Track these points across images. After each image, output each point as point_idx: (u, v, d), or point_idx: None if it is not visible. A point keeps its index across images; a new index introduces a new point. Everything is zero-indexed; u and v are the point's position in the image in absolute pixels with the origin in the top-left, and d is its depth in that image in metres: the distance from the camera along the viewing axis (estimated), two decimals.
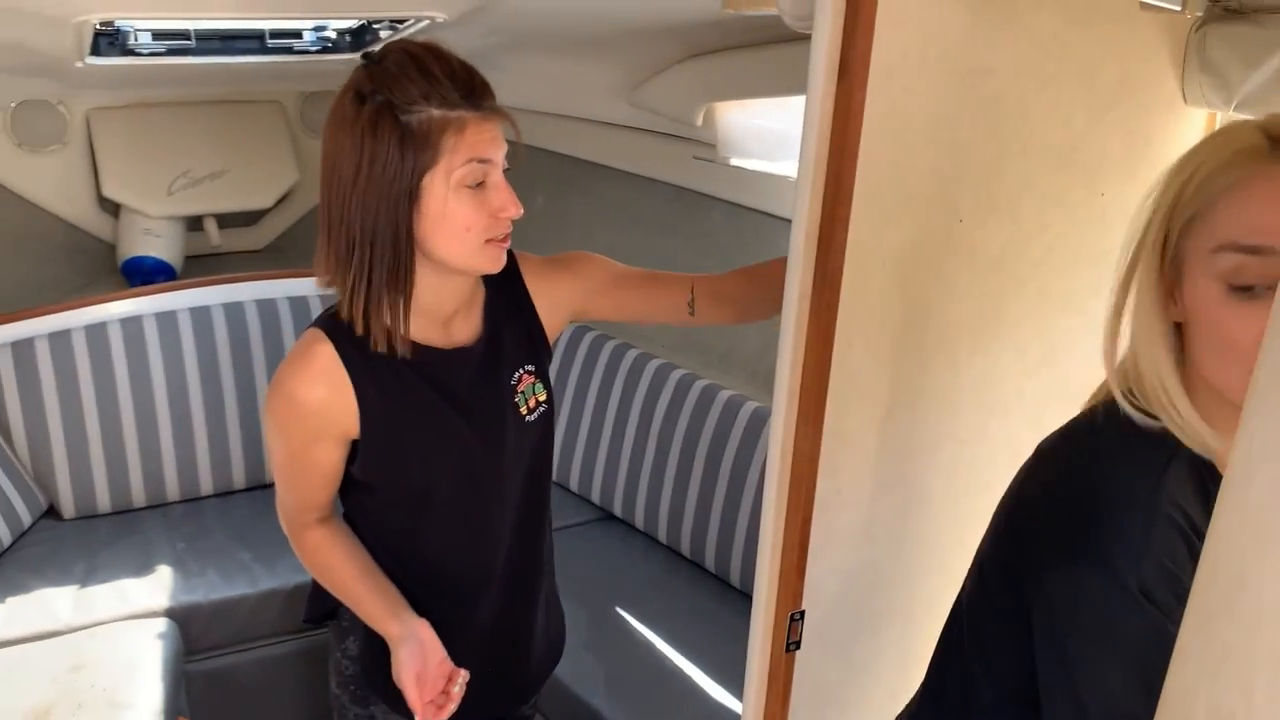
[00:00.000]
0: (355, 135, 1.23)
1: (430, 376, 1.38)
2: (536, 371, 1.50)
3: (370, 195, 1.24)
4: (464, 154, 1.24)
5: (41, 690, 2.09)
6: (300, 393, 1.33)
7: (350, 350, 1.33)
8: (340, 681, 1.57)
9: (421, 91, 1.22)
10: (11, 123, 3.28)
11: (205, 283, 2.99)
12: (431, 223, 1.26)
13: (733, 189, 2.68)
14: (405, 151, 1.22)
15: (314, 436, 1.36)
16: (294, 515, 1.47)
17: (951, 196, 1.27)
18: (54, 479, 2.73)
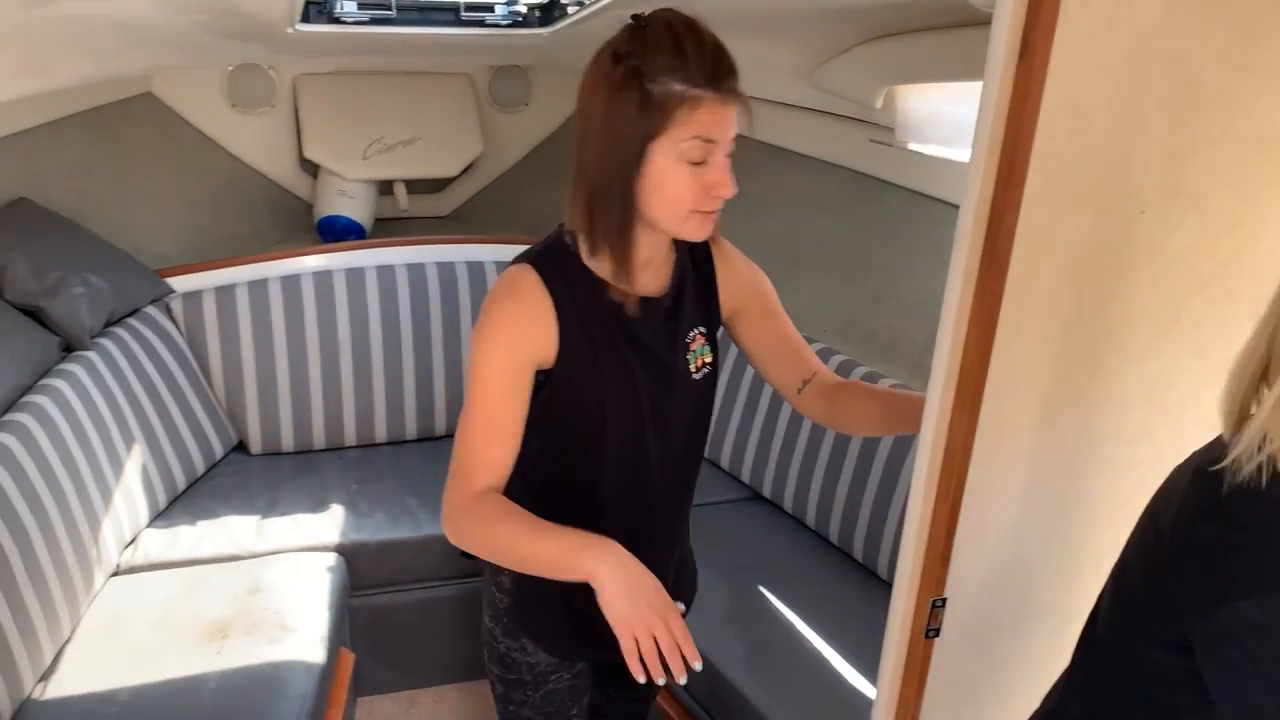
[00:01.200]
0: (604, 92, 1.32)
1: (621, 321, 1.46)
2: (707, 335, 1.56)
3: (606, 149, 1.33)
4: (692, 130, 1.30)
5: (222, 607, 2.26)
6: (510, 316, 1.40)
7: (555, 282, 1.41)
8: (493, 615, 1.64)
9: (668, 64, 1.28)
10: (228, 85, 3.52)
11: (391, 243, 3.16)
12: (649, 186, 1.34)
13: (909, 174, 2.64)
14: (640, 116, 1.29)
15: (517, 359, 1.40)
16: (469, 482, 1.42)
17: (1135, 186, 1.23)
18: (245, 416, 2.94)
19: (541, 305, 1.40)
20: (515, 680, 1.65)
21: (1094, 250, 1.23)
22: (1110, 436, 1.37)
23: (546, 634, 1.61)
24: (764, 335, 1.63)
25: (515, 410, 1.43)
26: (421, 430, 3.13)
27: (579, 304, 1.42)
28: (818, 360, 1.64)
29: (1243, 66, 1.21)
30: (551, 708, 1.67)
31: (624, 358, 1.46)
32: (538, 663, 1.63)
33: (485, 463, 1.42)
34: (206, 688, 2.01)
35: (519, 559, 1.39)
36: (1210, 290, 1.34)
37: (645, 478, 1.55)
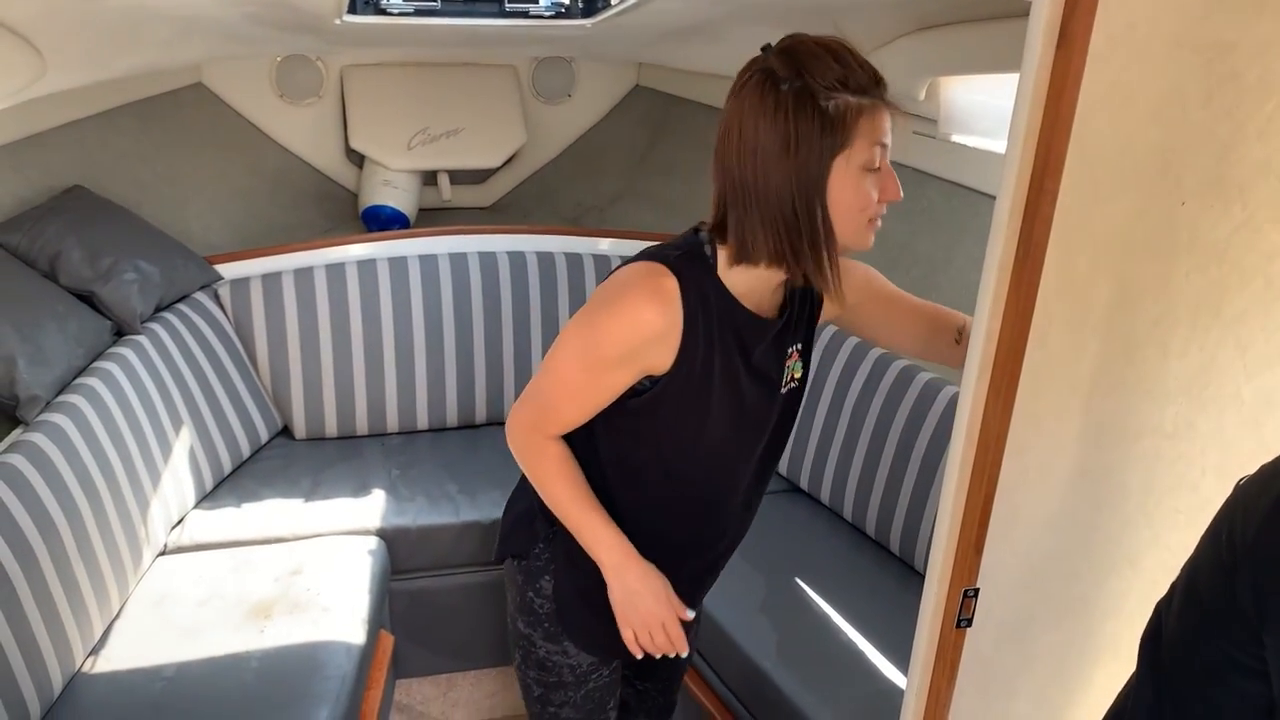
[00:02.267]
0: (777, 118, 1.30)
1: (741, 336, 1.46)
2: (803, 351, 1.57)
3: (792, 174, 1.31)
4: (871, 138, 1.31)
5: (266, 588, 2.31)
6: (644, 316, 1.38)
7: (690, 293, 1.40)
8: (530, 621, 1.64)
9: (839, 77, 1.29)
10: (277, 76, 3.58)
11: (435, 233, 3.20)
12: (834, 200, 1.33)
13: (951, 167, 2.62)
14: (824, 134, 1.29)
15: (628, 360, 1.41)
16: (542, 424, 1.51)
17: (1175, 177, 1.22)
18: (289, 401, 3.00)
19: (673, 315, 1.39)
20: (556, 683, 1.66)
21: (1133, 242, 1.22)
22: (1148, 430, 1.36)
23: (589, 635, 1.63)
24: (893, 318, 1.65)
25: (601, 395, 1.46)
26: (462, 418, 3.17)
27: (708, 318, 1.42)
28: (955, 312, 1.64)
29: None
30: (591, 705, 1.69)
31: (737, 375, 1.47)
32: (579, 664, 1.65)
33: (557, 421, 1.50)
34: (249, 665, 2.06)
35: (557, 509, 1.53)
36: (1253, 284, 1.33)
37: (726, 486, 1.57)
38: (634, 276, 1.41)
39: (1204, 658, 0.97)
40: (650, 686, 1.92)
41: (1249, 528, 0.92)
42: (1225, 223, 1.27)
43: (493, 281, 3.15)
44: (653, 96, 4.00)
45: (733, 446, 1.54)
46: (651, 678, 1.90)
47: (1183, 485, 1.43)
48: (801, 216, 1.33)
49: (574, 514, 1.51)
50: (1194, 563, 1.00)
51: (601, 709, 1.71)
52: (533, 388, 1.52)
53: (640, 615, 1.50)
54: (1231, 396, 1.40)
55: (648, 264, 1.42)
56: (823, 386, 2.71)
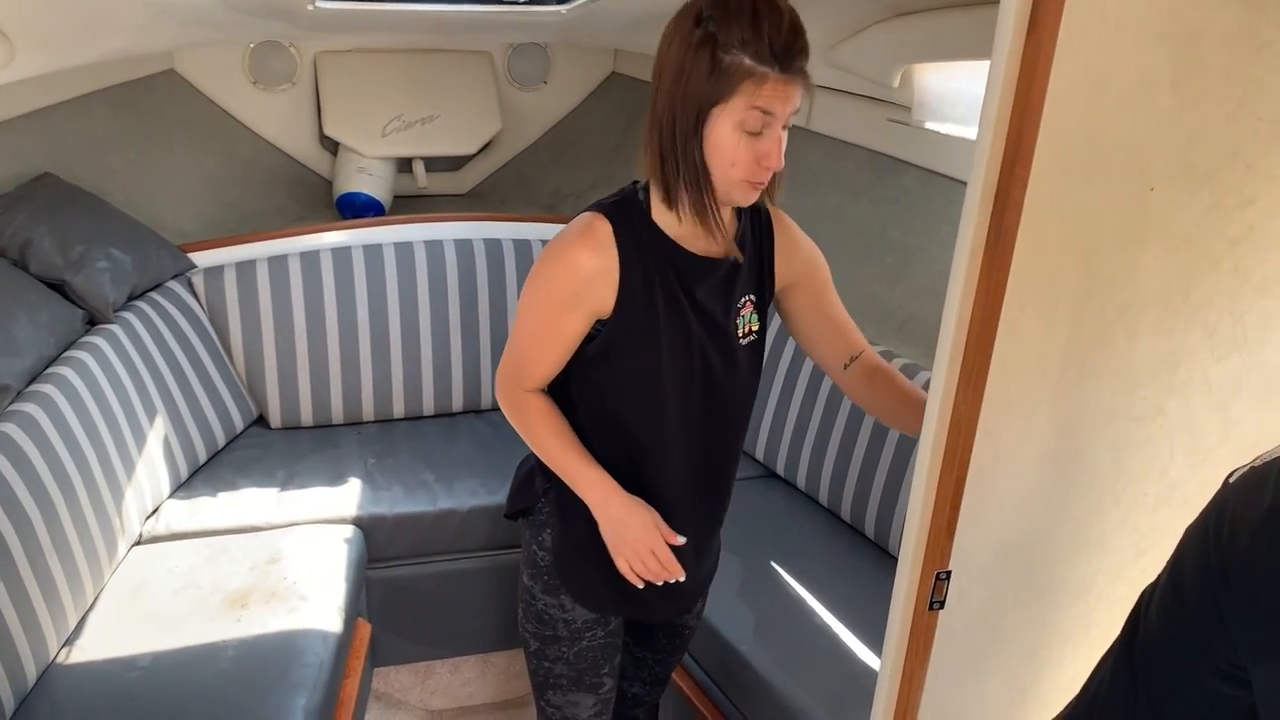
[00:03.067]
0: (680, 50, 1.39)
1: (681, 274, 1.53)
2: (757, 303, 1.62)
3: (675, 105, 1.40)
4: (752, 103, 1.37)
5: (242, 577, 2.31)
6: (577, 258, 1.48)
7: (624, 233, 1.49)
8: (533, 573, 1.70)
9: (742, 38, 1.34)
10: (250, 62, 3.55)
11: (410, 220, 3.19)
12: (708, 147, 1.41)
13: (927, 154, 2.63)
14: (708, 81, 1.36)
15: (572, 302, 1.50)
16: (518, 380, 1.61)
17: (1144, 164, 1.23)
18: (265, 390, 2.98)
19: (608, 256, 1.48)
20: (551, 636, 1.71)
21: (1102, 227, 1.24)
22: (1118, 414, 1.38)
23: (584, 587, 1.68)
24: (816, 311, 1.69)
25: (561, 342, 1.54)
26: (439, 406, 3.16)
27: (644, 256, 1.50)
28: (864, 341, 1.71)
29: (1254, 46, 1.21)
30: (584, 664, 1.72)
31: (681, 312, 1.53)
32: (574, 619, 1.69)
33: (532, 373, 1.59)
34: (226, 654, 2.05)
35: (546, 458, 1.62)
36: (1220, 269, 1.35)
37: (692, 430, 1.61)
38: (571, 226, 1.51)
39: (1182, 656, 0.96)
40: (648, 655, 1.95)
41: (1239, 537, 0.90)
42: (1193, 208, 1.28)
43: (469, 269, 3.15)
44: (629, 83, 3.99)
45: (693, 387, 1.58)
46: (650, 646, 1.93)
47: (1151, 468, 1.45)
48: (679, 147, 1.41)
49: (559, 459, 1.59)
50: (1179, 558, 0.98)
51: (594, 670, 1.74)
52: (507, 347, 1.63)
53: (629, 544, 1.55)
54: (1199, 380, 1.42)
55: (585, 213, 1.52)
56: (798, 373, 2.72)
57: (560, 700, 1.75)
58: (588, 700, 1.76)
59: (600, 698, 1.77)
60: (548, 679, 1.75)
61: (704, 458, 1.65)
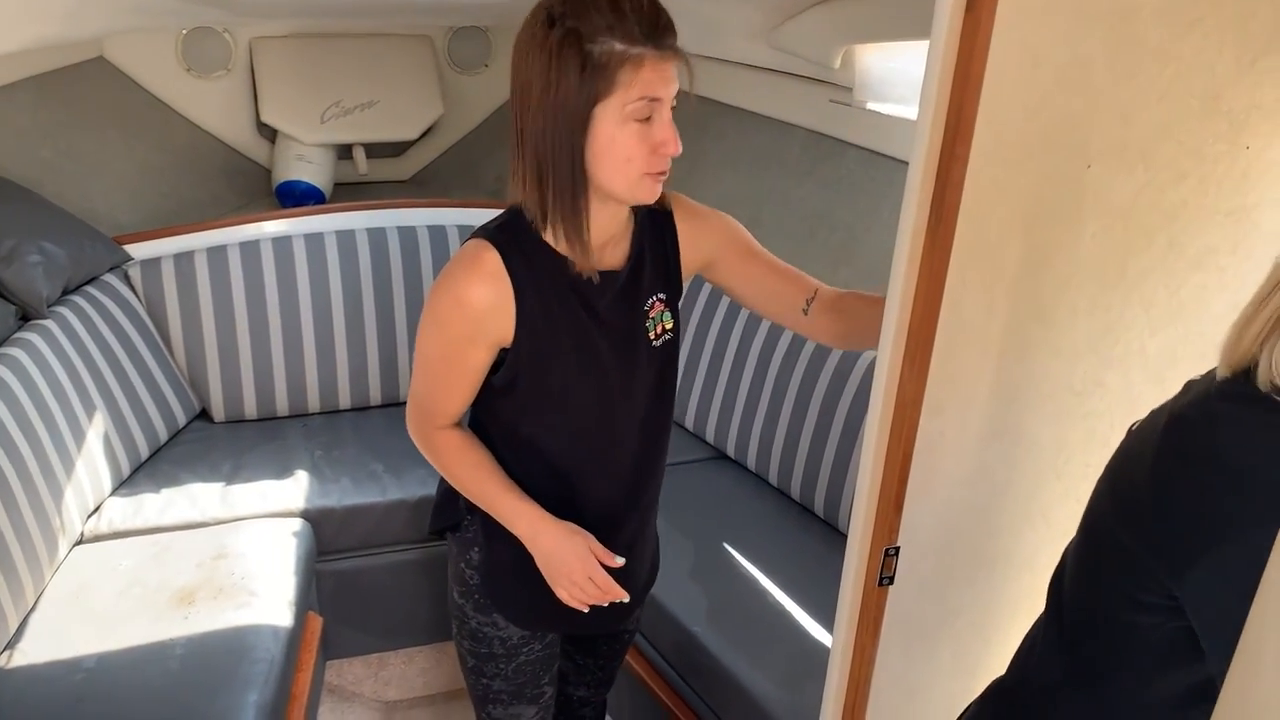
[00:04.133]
0: (542, 57, 1.29)
1: (580, 292, 1.45)
2: (667, 301, 1.56)
3: (550, 117, 1.30)
4: (637, 90, 1.28)
5: (189, 573, 2.27)
6: (469, 293, 1.40)
7: (514, 260, 1.40)
8: (463, 591, 1.65)
9: (607, 23, 1.26)
10: (183, 48, 3.47)
11: (351, 208, 3.14)
12: (598, 150, 1.32)
13: (869, 134, 2.65)
14: (584, 79, 1.27)
15: (471, 337, 1.43)
16: (428, 418, 1.54)
17: (1082, 141, 1.25)
18: (207, 384, 2.93)
19: (500, 287, 1.40)
20: (487, 654, 1.67)
21: (1042, 204, 1.26)
22: (1059, 388, 1.40)
23: (516, 607, 1.63)
24: (749, 273, 1.60)
25: (466, 378, 1.48)
26: (386, 396, 3.13)
27: (538, 280, 1.42)
28: (813, 279, 1.61)
29: (1185, 23, 1.23)
30: (523, 679, 1.69)
31: (585, 330, 1.46)
32: (509, 636, 1.65)
33: (440, 411, 1.53)
34: (173, 653, 2.02)
35: (469, 495, 1.56)
36: (1156, 243, 1.37)
37: (613, 445, 1.57)
38: (457, 259, 1.43)
39: (1104, 596, 1.02)
40: (590, 662, 1.92)
41: (1144, 459, 0.98)
42: (1129, 185, 1.31)
43: (413, 256, 3.11)
44: None
45: (609, 404, 1.52)
46: (592, 653, 1.90)
47: (1092, 440, 1.48)
48: (557, 161, 1.32)
49: (480, 495, 1.54)
50: (1090, 508, 1.06)
51: (534, 683, 1.71)
52: (410, 387, 1.55)
53: (565, 574, 1.49)
54: (1137, 353, 1.45)
55: (470, 242, 1.43)
56: (747, 354, 2.73)
57: (502, 713, 1.73)
58: (529, 710, 1.73)
59: (542, 705, 1.75)
60: (487, 694, 1.71)
61: (631, 469, 1.60)
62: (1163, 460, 0.97)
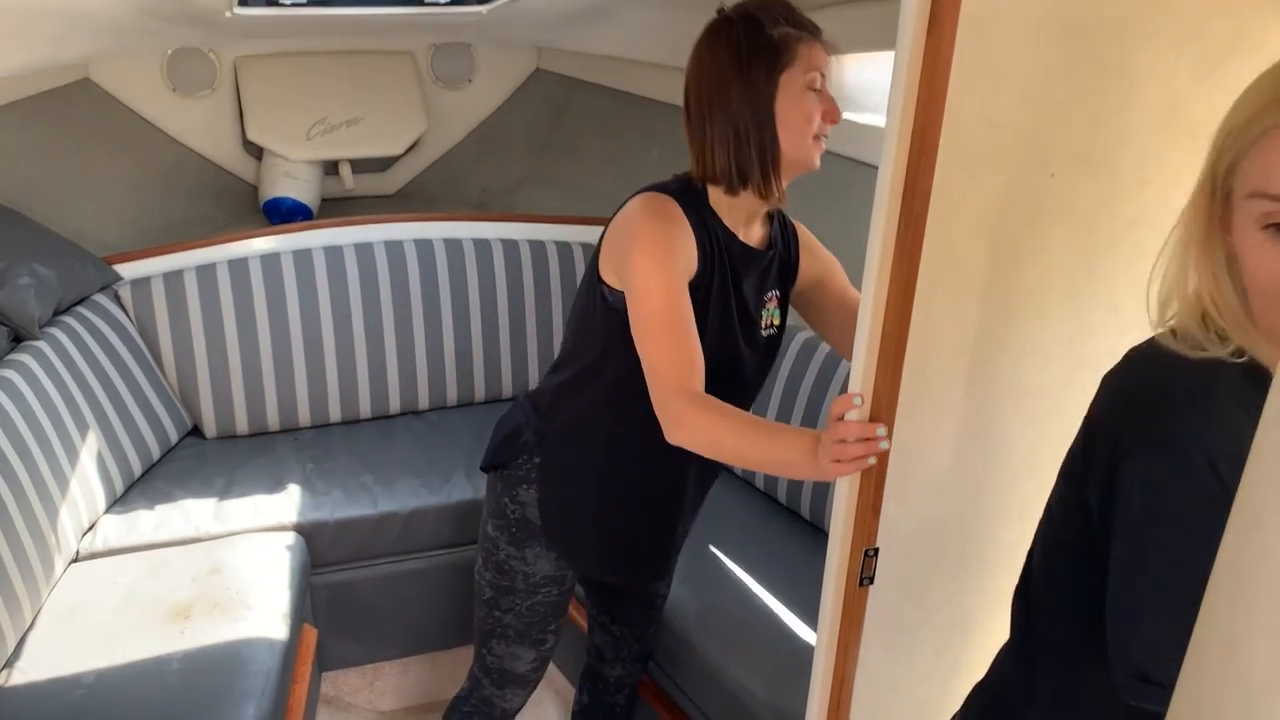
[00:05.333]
0: (731, 48, 1.53)
1: (735, 262, 1.61)
2: (781, 299, 1.72)
3: (745, 91, 1.52)
4: (812, 62, 1.53)
5: (184, 589, 2.29)
6: (664, 229, 1.52)
7: (691, 214, 1.57)
8: (500, 524, 1.77)
9: (781, 15, 1.54)
10: (168, 69, 3.50)
11: (338, 223, 3.17)
12: (783, 112, 1.54)
13: (846, 143, 2.69)
14: (769, 55, 1.52)
15: (678, 266, 1.52)
16: (687, 379, 1.46)
17: (1044, 150, 1.29)
18: (198, 401, 2.96)
19: (687, 227, 1.55)
20: (508, 587, 1.78)
21: (1008, 212, 1.30)
22: (1030, 390, 1.44)
23: (573, 548, 1.76)
24: (840, 308, 1.77)
25: (689, 311, 1.52)
26: (376, 409, 3.16)
27: (709, 239, 1.57)
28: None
29: (1140, 37, 1.27)
30: (534, 618, 1.80)
31: (728, 298, 1.61)
32: (534, 573, 1.76)
33: (689, 360, 1.48)
34: (170, 668, 2.04)
35: (747, 459, 1.50)
36: (1120, 248, 1.42)
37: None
38: (639, 210, 1.55)
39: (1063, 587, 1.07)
40: (625, 632, 2.02)
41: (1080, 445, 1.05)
42: (1092, 192, 1.35)
43: (400, 270, 3.15)
44: (554, 80, 4.01)
45: (726, 370, 1.63)
46: (626, 620, 2.00)
47: (1065, 439, 1.50)
48: (753, 127, 1.53)
49: (759, 446, 1.44)
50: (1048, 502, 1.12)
51: (542, 625, 1.81)
52: (650, 363, 1.49)
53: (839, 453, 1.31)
54: (1106, 354, 1.48)
55: (645, 195, 1.58)
56: None
57: (502, 650, 1.83)
58: (528, 655, 1.84)
59: (540, 654, 1.85)
60: (495, 628, 1.81)
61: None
62: (1091, 410, 1.05)
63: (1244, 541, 0.66)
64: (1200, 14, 1.32)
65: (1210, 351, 0.92)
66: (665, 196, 1.57)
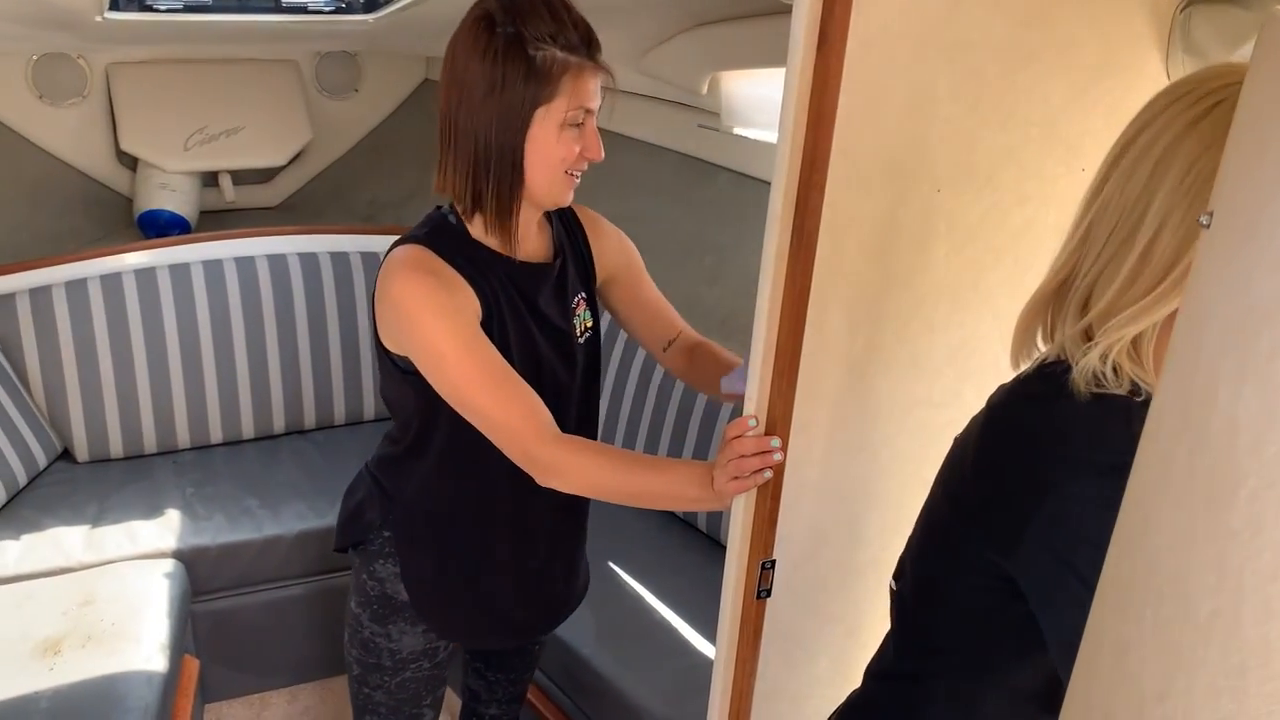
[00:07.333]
0: (486, 60, 1.35)
1: (520, 286, 1.50)
2: (588, 300, 1.62)
3: (493, 117, 1.37)
4: (576, 98, 1.38)
5: (53, 622, 2.17)
6: (429, 285, 1.39)
7: (454, 258, 1.43)
8: (361, 601, 1.67)
9: (550, 31, 1.35)
10: (33, 75, 3.33)
11: (218, 237, 3.07)
12: (532, 150, 1.39)
13: (737, 158, 2.72)
14: (529, 83, 1.35)
15: (463, 315, 1.40)
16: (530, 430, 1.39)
17: (930, 166, 1.32)
18: (69, 423, 2.81)
19: (452, 274, 1.42)
20: (374, 665, 1.68)
21: (896, 227, 1.32)
22: (919, 401, 1.47)
23: (450, 623, 1.65)
24: (635, 298, 1.69)
25: (496, 355, 1.41)
26: (259, 429, 3.05)
27: (483, 274, 1.45)
28: (681, 321, 1.71)
29: (1020, 57, 1.31)
30: (404, 695, 1.70)
31: (527, 327, 1.50)
32: (400, 650, 1.66)
33: (529, 406, 1.41)
34: (39, 707, 1.93)
35: (634, 496, 1.44)
36: (1004, 261, 1.45)
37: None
38: (395, 271, 1.42)
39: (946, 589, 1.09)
40: (501, 677, 1.94)
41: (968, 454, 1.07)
42: (976, 207, 1.38)
43: (284, 285, 3.05)
44: None
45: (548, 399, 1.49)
46: (503, 668, 1.93)
47: None
48: (495, 159, 1.39)
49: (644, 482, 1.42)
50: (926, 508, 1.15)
51: (415, 702, 1.72)
52: (491, 424, 1.42)
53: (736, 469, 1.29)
54: (991, 365, 1.52)
55: (397, 252, 1.45)
56: (628, 373, 2.76)
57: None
58: None
59: None
60: (366, 704, 1.73)
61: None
62: (983, 448, 1.06)
63: (1132, 550, 0.67)
64: (1076, 36, 1.37)
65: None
66: (418, 248, 1.43)
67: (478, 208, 1.44)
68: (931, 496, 1.15)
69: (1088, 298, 0.99)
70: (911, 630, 1.17)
